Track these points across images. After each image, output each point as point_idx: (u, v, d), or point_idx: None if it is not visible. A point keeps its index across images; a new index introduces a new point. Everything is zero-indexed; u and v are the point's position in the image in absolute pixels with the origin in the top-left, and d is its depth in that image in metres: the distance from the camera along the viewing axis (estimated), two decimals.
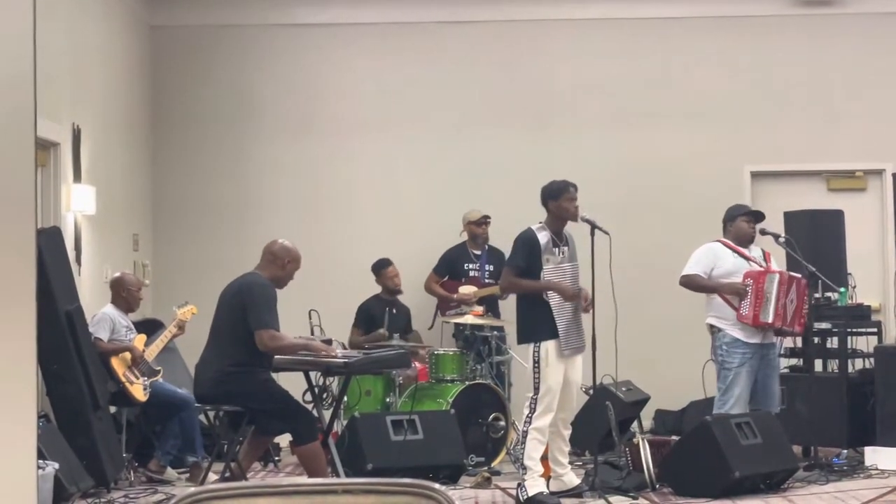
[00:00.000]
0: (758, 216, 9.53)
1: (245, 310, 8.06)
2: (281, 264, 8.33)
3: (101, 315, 9.48)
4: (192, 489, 2.60)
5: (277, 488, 2.53)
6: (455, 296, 11.28)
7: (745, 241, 9.37)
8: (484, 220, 11.55)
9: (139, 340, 9.57)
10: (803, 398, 10.02)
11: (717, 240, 9.42)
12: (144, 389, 9.36)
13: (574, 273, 8.55)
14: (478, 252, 11.56)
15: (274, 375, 8.39)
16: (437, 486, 2.53)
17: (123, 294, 9.67)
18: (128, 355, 9.33)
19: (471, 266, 11.52)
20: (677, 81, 12.32)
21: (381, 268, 11.34)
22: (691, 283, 9.30)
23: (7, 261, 3.98)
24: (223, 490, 2.54)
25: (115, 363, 9.25)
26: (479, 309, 10.61)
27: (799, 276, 9.39)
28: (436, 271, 11.68)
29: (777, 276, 9.15)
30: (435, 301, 11.70)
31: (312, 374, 8.78)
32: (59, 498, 7.80)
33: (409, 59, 12.41)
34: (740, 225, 9.37)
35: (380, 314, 11.10)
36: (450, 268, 11.64)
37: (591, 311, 8.51)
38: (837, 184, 12.35)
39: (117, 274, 9.93)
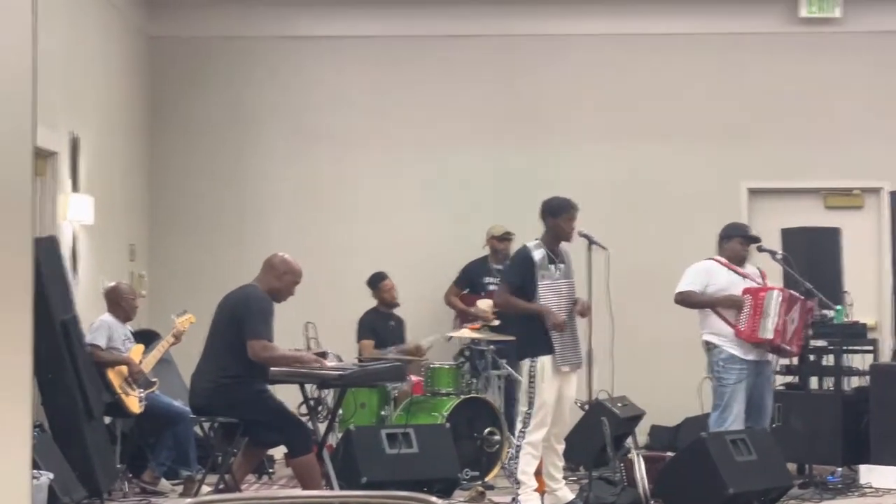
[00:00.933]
0: (754, 241, 9.53)
1: (240, 321, 8.06)
2: (277, 276, 8.31)
3: (99, 322, 9.46)
4: (188, 500, 2.60)
5: (273, 500, 2.52)
6: (472, 309, 11.27)
7: (738, 261, 9.36)
8: (506, 237, 11.49)
9: (136, 351, 9.55)
10: (798, 415, 10.02)
11: (710, 258, 9.41)
12: (140, 401, 9.34)
13: (569, 290, 8.56)
14: (499, 267, 11.54)
15: (269, 387, 8.38)
16: (434, 499, 2.53)
17: (123, 304, 9.66)
18: (124, 369, 9.31)
19: (490, 280, 11.50)
20: (675, 97, 12.33)
21: (378, 281, 11.33)
22: (686, 301, 9.28)
23: (4, 270, 3.98)
24: (219, 502, 2.54)
25: (112, 374, 9.23)
26: (477, 323, 10.61)
27: (804, 297, 9.37)
28: (456, 284, 11.70)
29: (778, 293, 9.14)
30: (453, 313, 11.69)
31: (308, 387, 8.77)
32: None
33: (406, 72, 12.42)
34: (734, 246, 9.36)
35: (381, 326, 11.10)
36: (470, 281, 11.64)
37: (587, 325, 8.51)
38: (835, 201, 12.36)
39: (112, 284, 9.92)
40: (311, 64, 12.41)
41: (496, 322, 10.69)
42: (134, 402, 9.30)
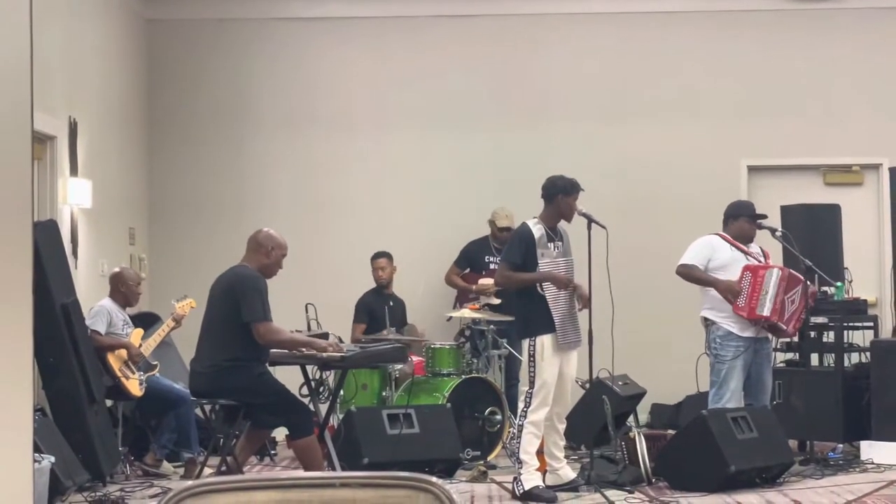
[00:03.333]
0: (760, 219, 9.52)
1: (237, 304, 8.03)
2: (265, 252, 8.28)
3: (98, 308, 9.46)
4: (190, 482, 2.60)
5: (275, 482, 2.52)
6: (474, 287, 11.28)
7: (745, 240, 9.38)
8: (507, 229, 11.40)
9: (136, 335, 9.55)
10: (799, 392, 10.03)
11: (715, 233, 9.43)
12: (140, 384, 9.34)
13: (568, 267, 8.56)
14: (500, 246, 11.54)
15: (271, 369, 8.38)
16: (435, 479, 2.53)
17: (122, 289, 9.66)
18: (124, 352, 9.31)
19: (491, 259, 11.50)
20: (674, 75, 12.32)
21: (373, 259, 11.34)
22: (687, 275, 9.30)
23: (4, 254, 3.99)
24: (221, 483, 2.54)
25: (112, 358, 9.23)
26: (480, 302, 10.62)
27: (806, 280, 9.36)
28: (457, 264, 11.70)
29: (777, 271, 9.15)
30: (454, 293, 11.70)
31: (309, 368, 8.78)
32: (54, 492, 7.78)
33: (405, 53, 12.39)
34: (742, 225, 9.37)
35: (378, 308, 11.10)
36: (470, 260, 11.65)
37: (588, 303, 8.51)
38: (834, 178, 12.35)
39: (116, 269, 9.91)
40: (309, 45, 12.39)
41: (497, 301, 10.68)
42: (134, 385, 9.30)
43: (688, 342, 10.04)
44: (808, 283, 9.42)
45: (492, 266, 11.47)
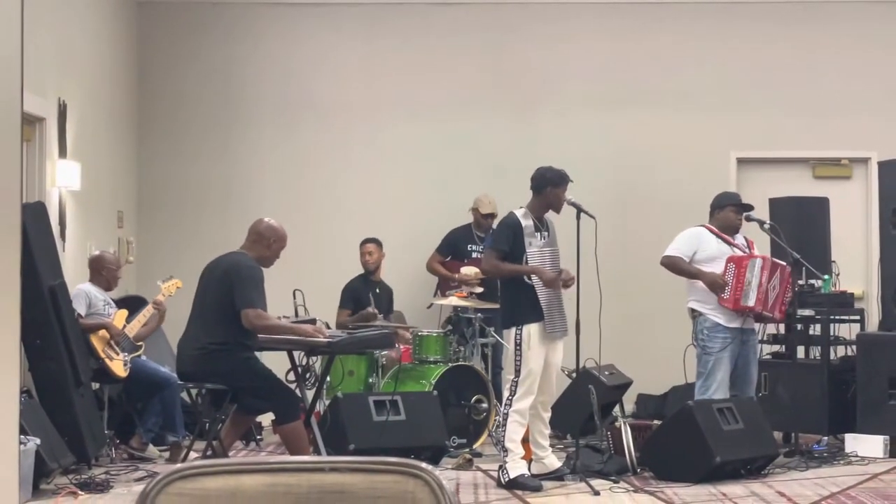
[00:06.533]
0: (746, 208, 9.53)
1: (232, 289, 8.04)
2: (266, 244, 8.30)
3: (77, 291, 9.43)
4: (179, 465, 2.59)
5: (264, 466, 2.52)
6: (457, 276, 11.27)
7: (731, 231, 9.38)
8: (491, 216, 11.37)
9: (120, 316, 9.53)
10: (785, 385, 10.06)
11: (701, 225, 9.44)
12: (125, 365, 9.33)
13: (554, 257, 8.57)
14: (482, 235, 11.52)
15: (258, 354, 8.37)
16: (424, 465, 2.53)
17: (103, 273, 9.65)
18: (105, 333, 9.29)
19: (474, 247, 11.49)
20: (664, 66, 12.31)
21: (362, 244, 11.33)
22: (672, 265, 9.32)
23: None
24: (210, 467, 2.53)
25: (95, 339, 9.21)
26: (464, 291, 10.61)
27: (783, 263, 9.41)
28: (439, 251, 11.67)
29: (759, 260, 9.18)
30: (435, 281, 11.68)
31: (296, 354, 8.77)
32: (40, 473, 7.79)
33: (396, 40, 12.36)
34: (728, 214, 9.38)
35: (364, 294, 11.09)
36: (453, 248, 11.62)
37: (575, 294, 8.53)
38: (823, 171, 12.37)
39: (96, 252, 9.91)
40: (300, 30, 12.35)
41: (480, 289, 10.67)
42: (119, 365, 9.29)
43: (675, 333, 10.05)
44: (786, 264, 9.43)
45: (474, 254, 11.45)
